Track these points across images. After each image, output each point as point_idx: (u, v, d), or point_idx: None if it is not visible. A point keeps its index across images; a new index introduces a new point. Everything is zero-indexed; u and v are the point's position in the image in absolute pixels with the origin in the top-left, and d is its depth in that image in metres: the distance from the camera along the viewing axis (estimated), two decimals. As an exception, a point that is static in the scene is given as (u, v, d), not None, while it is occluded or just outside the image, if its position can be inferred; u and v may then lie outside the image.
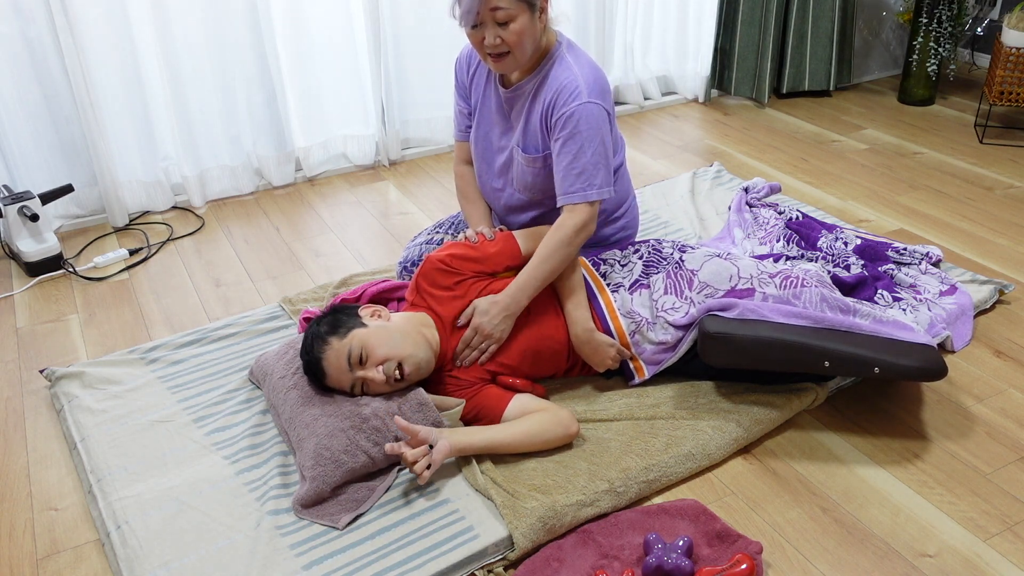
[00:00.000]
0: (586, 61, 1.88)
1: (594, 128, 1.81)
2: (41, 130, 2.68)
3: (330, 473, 1.62)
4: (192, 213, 2.92)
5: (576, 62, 1.87)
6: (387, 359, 1.69)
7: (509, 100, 1.96)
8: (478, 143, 2.08)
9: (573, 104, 1.81)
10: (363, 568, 1.50)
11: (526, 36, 1.80)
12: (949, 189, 2.92)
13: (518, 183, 2.00)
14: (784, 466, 1.74)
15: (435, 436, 1.64)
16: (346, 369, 1.69)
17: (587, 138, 1.80)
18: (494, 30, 1.79)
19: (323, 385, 1.75)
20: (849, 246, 2.33)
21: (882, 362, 1.71)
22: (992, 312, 2.22)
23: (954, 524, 1.59)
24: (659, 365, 1.90)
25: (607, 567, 1.49)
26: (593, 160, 1.81)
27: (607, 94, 1.87)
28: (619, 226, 2.11)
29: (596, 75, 1.86)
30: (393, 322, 1.77)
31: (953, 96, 3.77)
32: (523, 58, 1.84)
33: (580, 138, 1.80)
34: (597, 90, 1.83)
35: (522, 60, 1.84)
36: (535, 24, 1.81)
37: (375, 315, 1.79)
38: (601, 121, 1.82)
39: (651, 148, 3.36)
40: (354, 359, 1.68)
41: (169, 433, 1.84)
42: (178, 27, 2.73)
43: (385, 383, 1.69)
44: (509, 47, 1.81)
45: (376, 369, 1.68)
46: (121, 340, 2.23)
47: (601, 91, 1.85)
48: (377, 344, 1.69)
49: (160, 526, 1.60)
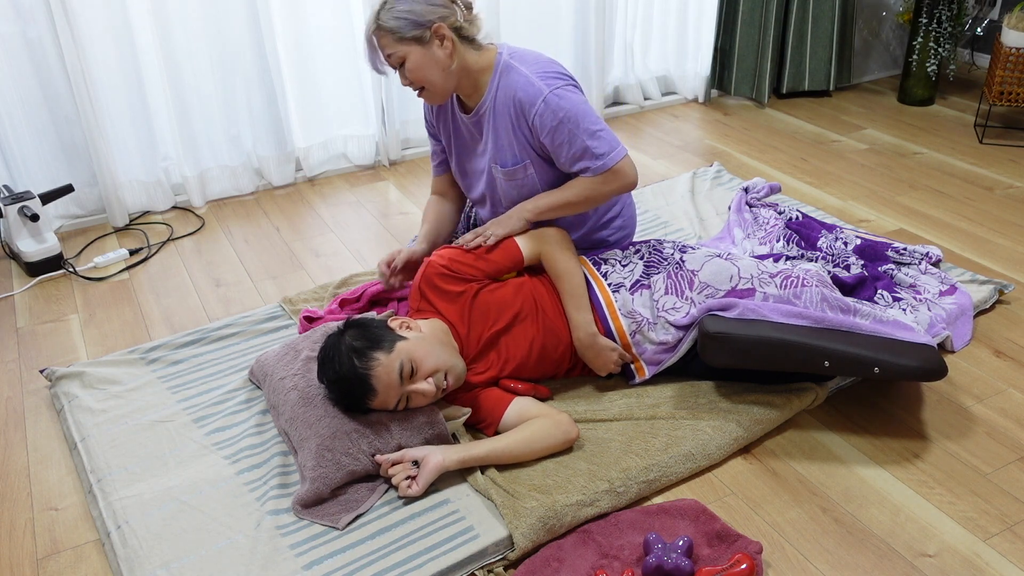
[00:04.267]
0: (532, 59, 1.88)
1: (571, 105, 1.82)
2: (41, 130, 2.69)
3: (331, 474, 1.62)
4: (192, 213, 2.92)
5: (522, 64, 1.86)
6: (436, 370, 1.67)
7: (475, 123, 1.96)
8: (462, 178, 2.10)
9: (539, 101, 1.82)
10: (363, 568, 1.50)
11: (426, 69, 1.81)
12: (949, 189, 2.92)
13: (506, 202, 2.01)
14: (784, 466, 1.74)
15: (424, 453, 1.64)
16: (396, 384, 1.64)
17: (570, 117, 1.81)
18: (400, 72, 1.84)
19: (359, 405, 1.67)
20: (849, 246, 2.33)
21: (882, 362, 1.71)
22: (992, 312, 2.22)
23: (954, 524, 1.59)
24: (659, 365, 1.90)
25: (607, 567, 1.49)
26: (590, 129, 1.82)
27: (566, 75, 1.86)
28: (615, 227, 2.11)
29: (546, 67, 1.86)
30: (425, 332, 1.74)
31: (953, 96, 3.77)
32: (440, 88, 1.85)
33: (566, 121, 1.81)
34: (553, 76, 1.84)
35: (441, 89, 1.85)
36: (434, 54, 1.81)
37: (404, 326, 1.74)
38: (573, 96, 1.83)
39: (651, 148, 3.36)
40: (405, 373, 1.64)
41: (169, 433, 1.84)
42: (178, 27, 2.73)
43: (435, 395, 1.67)
44: (418, 83, 1.84)
45: (427, 381, 1.66)
46: (121, 340, 2.23)
47: (557, 75, 1.85)
48: (424, 356, 1.66)
49: (160, 526, 1.60)
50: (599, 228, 2.09)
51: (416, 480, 1.62)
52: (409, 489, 1.61)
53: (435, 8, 1.80)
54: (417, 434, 1.69)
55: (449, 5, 1.82)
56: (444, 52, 1.82)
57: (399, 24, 1.78)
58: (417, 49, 1.79)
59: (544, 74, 1.84)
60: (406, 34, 1.78)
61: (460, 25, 1.84)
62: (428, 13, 1.78)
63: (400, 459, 1.65)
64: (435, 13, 1.79)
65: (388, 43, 1.81)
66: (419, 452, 1.65)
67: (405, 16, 1.77)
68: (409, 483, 1.62)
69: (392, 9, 1.79)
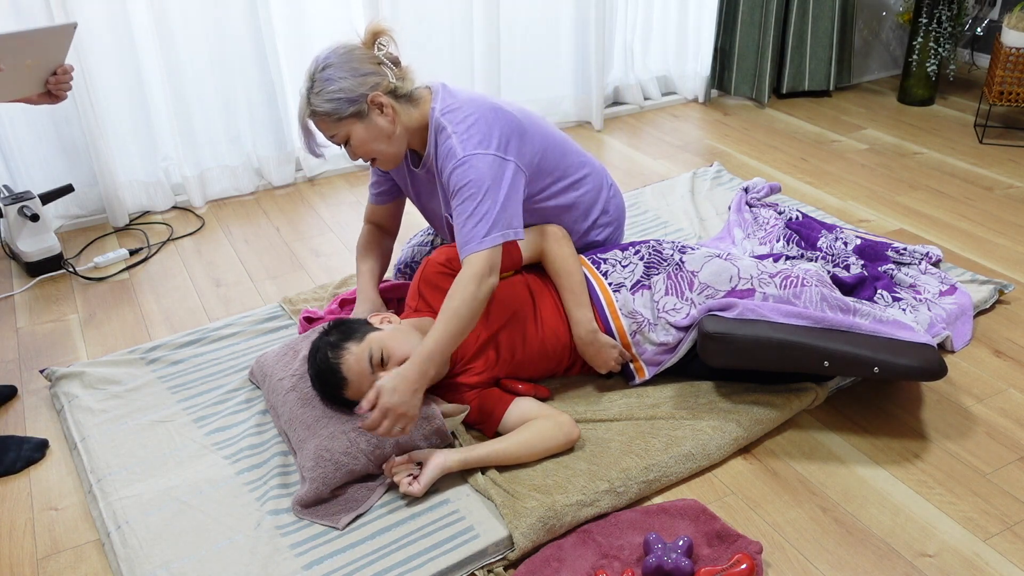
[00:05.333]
0: (460, 115, 1.78)
1: (475, 177, 1.71)
2: (41, 130, 2.69)
3: (330, 474, 1.62)
4: (192, 213, 2.92)
5: (451, 121, 1.78)
6: (407, 358, 1.68)
7: (427, 176, 1.92)
8: (423, 212, 2.06)
9: (450, 165, 1.74)
10: (363, 568, 1.50)
11: (372, 142, 1.76)
12: (949, 189, 2.92)
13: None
14: (784, 466, 1.74)
15: (426, 455, 1.66)
16: (368, 372, 1.66)
17: (470, 190, 1.72)
18: (347, 149, 1.79)
19: (337, 396, 1.70)
20: (849, 246, 2.33)
21: (882, 362, 1.71)
22: (992, 312, 2.22)
23: (954, 524, 1.59)
24: (659, 366, 1.90)
25: (607, 567, 1.49)
26: (481, 209, 1.70)
27: (489, 135, 1.76)
28: (603, 224, 2.09)
29: (470, 125, 1.76)
30: (403, 325, 1.77)
31: (953, 96, 3.77)
32: (392, 154, 1.80)
33: (464, 192, 1.72)
34: (475, 140, 1.74)
35: (393, 156, 1.80)
36: (376, 125, 1.75)
37: (384, 320, 1.79)
38: (483, 169, 1.72)
39: (651, 148, 3.36)
40: (375, 360, 1.66)
41: (169, 433, 1.84)
42: (178, 27, 2.73)
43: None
44: (368, 156, 1.80)
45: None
46: (121, 340, 2.23)
47: (478, 141, 1.74)
48: (396, 345, 1.69)
49: (160, 526, 1.60)
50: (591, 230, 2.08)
51: (418, 479, 1.62)
52: (410, 487, 1.61)
53: (366, 79, 1.73)
54: (416, 431, 1.70)
55: (379, 70, 1.74)
56: (386, 119, 1.76)
57: (334, 106, 1.71)
58: (358, 125, 1.74)
59: (469, 135, 1.75)
60: (344, 113, 1.72)
61: (394, 87, 1.77)
62: (360, 86, 1.72)
63: (405, 460, 1.66)
64: (367, 84, 1.73)
65: (327, 126, 1.75)
66: (422, 454, 1.66)
67: (338, 96, 1.70)
68: (410, 481, 1.62)
69: (322, 92, 1.71)
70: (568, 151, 1.99)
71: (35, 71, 1.83)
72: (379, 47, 1.77)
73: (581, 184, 2.01)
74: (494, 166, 1.73)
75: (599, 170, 2.09)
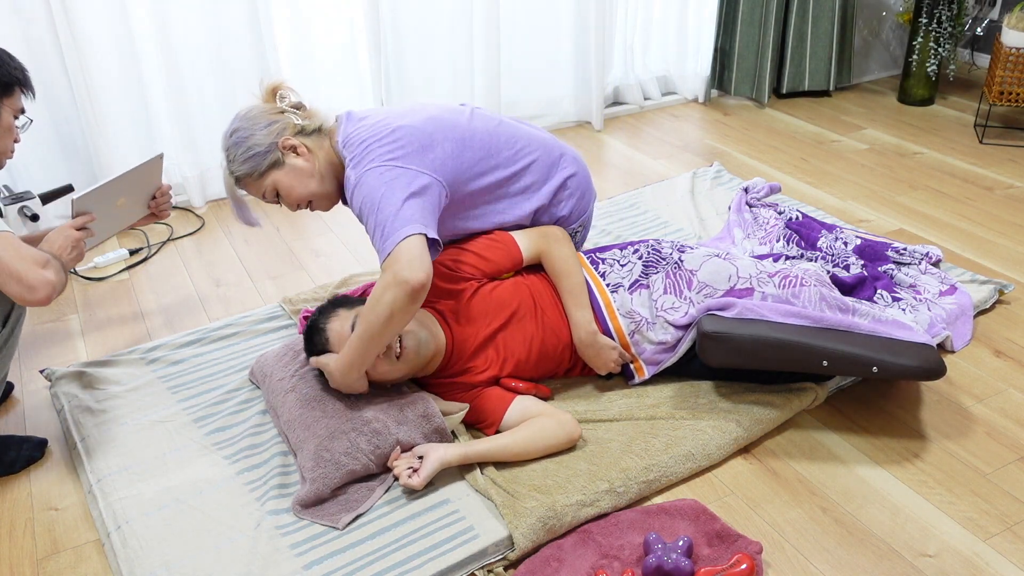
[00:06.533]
0: (356, 141, 1.77)
1: (368, 190, 1.68)
2: (41, 130, 2.68)
3: (330, 475, 1.62)
4: (192, 213, 2.92)
5: (349, 152, 1.77)
6: None
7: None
8: None
9: (349, 193, 1.75)
10: (363, 568, 1.50)
11: (298, 185, 1.80)
12: (949, 189, 2.92)
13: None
14: (784, 466, 1.74)
15: (427, 449, 1.67)
16: (349, 334, 1.70)
17: (366, 206, 1.69)
18: (282, 203, 1.84)
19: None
20: (849, 246, 2.33)
21: (881, 361, 1.71)
22: (992, 312, 2.22)
23: (954, 524, 1.59)
24: (659, 365, 1.90)
25: (607, 567, 1.49)
26: (380, 219, 1.65)
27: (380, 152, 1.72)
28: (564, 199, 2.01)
29: (366, 148, 1.74)
30: None
31: (953, 96, 3.77)
32: (323, 192, 1.82)
33: (363, 210, 1.70)
34: (365, 161, 1.72)
35: (324, 194, 1.83)
36: (295, 166, 1.79)
37: None
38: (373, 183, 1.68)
39: (651, 148, 3.36)
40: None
41: (169, 433, 1.84)
42: (178, 27, 2.73)
43: (387, 354, 1.69)
44: (302, 201, 1.82)
45: None
46: (121, 340, 2.23)
47: (371, 158, 1.72)
48: None
49: (160, 526, 1.60)
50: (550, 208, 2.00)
51: (418, 472, 1.63)
52: (410, 480, 1.62)
53: (270, 128, 1.78)
54: (415, 430, 1.70)
55: (282, 118, 1.80)
56: (302, 160, 1.80)
57: (250, 165, 1.78)
58: (279, 173, 1.79)
59: (359, 160, 1.74)
60: (262, 168, 1.78)
61: (301, 126, 1.81)
62: (267, 136, 1.77)
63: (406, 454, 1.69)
64: (272, 132, 1.78)
65: (253, 187, 1.81)
66: (423, 448, 1.68)
67: (250, 154, 1.77)
68: (410, 473, 1.63)
69: (236, 157, 1.79)
70: (496, 148, 1.90)
71: (129, 205, 1.95)
72: (280, 99, 1.83)
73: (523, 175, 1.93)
74: (385, 176, 1.70)
75: (548, 151, 1.99)
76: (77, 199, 1.77)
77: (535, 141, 1.98)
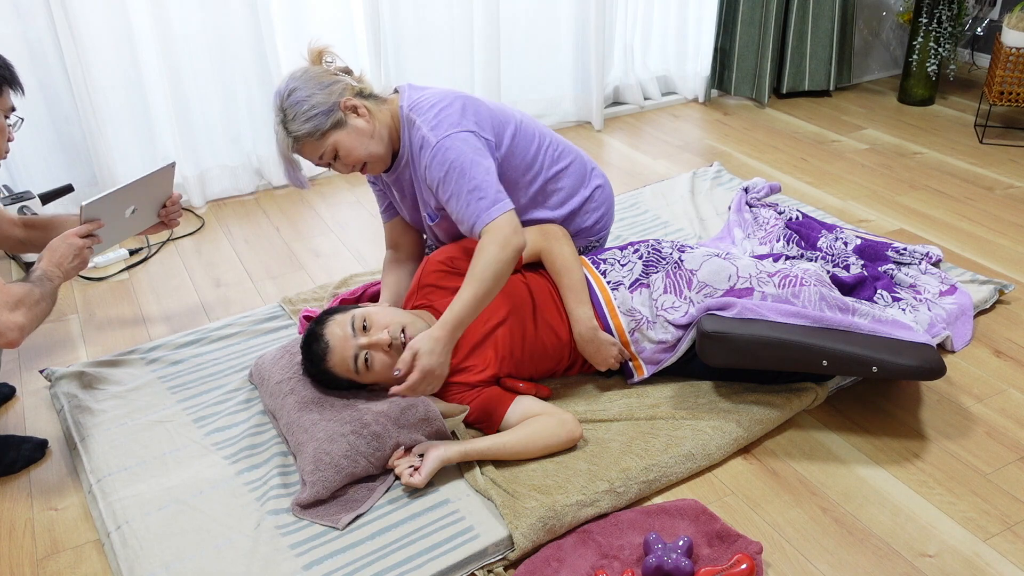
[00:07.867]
0: (427, 105, 1.81)
1: (456, 155, 1.74)
2: (41, 130, 2.69)
3: (330, 478, 1.62)
4: (192, 213, 2.92)
5: (420, 115, 1.81)
6: (391, 324, 1.71)
7: (396, 181, 1.94)
8: (412, 217, 2.06)
9: (427, 155, 1.77)
10: (363, 568, 1.50)
11: (360, 147, 1.79)
12: (949, 189, 2.92)
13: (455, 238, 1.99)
14: (784, 466, 1.74)
15: (427, 447, 1.67)
16: (350, 337, 1.69)
17: (456, 169, 1.73)
18: (337, 165, 1.81)
19: (321, 371, 1.73)
20: (849, 246, 2.33)
21: (881, 361, 1.71)
22: (992, 312, 2.22)
23: (954, 524, 1.59)
24: (659, 365, 1.90)
25: (607, 567, 1.49)
26: (473, 183, 1.72)
27: (459, 120, 1.78)
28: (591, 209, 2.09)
29: (438, 112, 1.79)
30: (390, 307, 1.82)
31: (953, 96, 3.77)
32: (380, 154, 1.82)
33: (452, 173, 1.74)
34: (445, 125, 1.77)
35: (381, 156, 1.82)
36: (357, 127, 1.78)
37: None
38: (460, 146, 1.74)
39: (651, 148, 3.36)
40: (357, 326, 1.69)
41: (169, 433, 1.84)
42: (178, 27, 2.73)
43: (389, 347, 1.69)
44: (358, 163, 1.81)
45: (382, 331, 1.69)
46: (121, 340, 2.23)
47: (451, 123, 1.77)
48: (379, 315, 1.73)
49: (160, 526, 1.60)
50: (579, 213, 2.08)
51: (419, 470, 1.63)
52: (412, 478, 1.62)
53: (332, 88, 1.77)
54: (415, 432, 1.70)
55: (336, 78, 1.79)
56: (363, 120, 1.79)
57: (313, 124, 1.75)
58: (341, 133, 1.77)
59: (437, 122, 1.77)
60: (324, 127, 1.75)
61: (359, 88, 1.81)
62: (330, 96, 1.76)
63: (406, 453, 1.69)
64: (335, 92, 1.77)
65: (312, 147, 1.78)
66: (423, 446, 1.68)
67: (313, 113, 1.74)
68: (412, 472, 1.63)
69: (297, 116, 1.75)
70: (543, 143, 1.99)
71: (139, 212, 1.94)
72: (326, 63, 1.82)
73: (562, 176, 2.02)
74: (470, 141, 1.76)
75: (582, 158, 2.09)
76: (86, 205, 1.76)
77: (571, 148, 2.08)
